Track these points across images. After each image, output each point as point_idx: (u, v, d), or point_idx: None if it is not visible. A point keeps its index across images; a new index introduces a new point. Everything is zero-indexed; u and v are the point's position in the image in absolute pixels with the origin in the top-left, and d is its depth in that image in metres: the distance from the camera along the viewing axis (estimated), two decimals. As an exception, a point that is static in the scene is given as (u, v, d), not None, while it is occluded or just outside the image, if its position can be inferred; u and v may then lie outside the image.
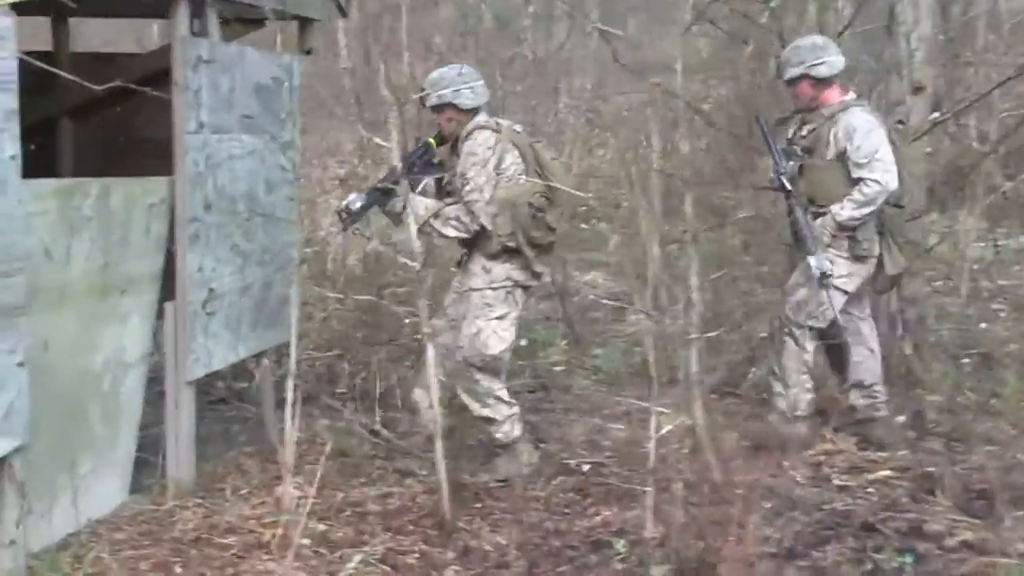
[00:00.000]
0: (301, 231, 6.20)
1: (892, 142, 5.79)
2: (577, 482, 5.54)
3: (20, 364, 4.10)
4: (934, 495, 5.12)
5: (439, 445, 4.91)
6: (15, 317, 4.06)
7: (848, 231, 5.76)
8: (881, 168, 5.67)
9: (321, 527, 4.94)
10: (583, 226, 12.09)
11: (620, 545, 4.71)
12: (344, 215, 5.56)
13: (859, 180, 5.69)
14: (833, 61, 5.91)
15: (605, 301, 8.80)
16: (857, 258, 5.83)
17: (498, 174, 5.51)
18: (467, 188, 5.48)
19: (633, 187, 4.79)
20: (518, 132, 5.69)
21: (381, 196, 5.57)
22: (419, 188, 5.63)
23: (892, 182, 5.67)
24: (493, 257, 5.56)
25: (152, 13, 6.23)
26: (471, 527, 5.00)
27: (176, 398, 5.14)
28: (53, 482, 4.55)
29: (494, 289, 5.58)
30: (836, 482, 5.42)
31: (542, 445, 5.93)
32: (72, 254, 4.51)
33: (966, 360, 7.39)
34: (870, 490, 5.26)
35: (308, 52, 6.16)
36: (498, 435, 5.62)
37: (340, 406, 6.56)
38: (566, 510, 5.22)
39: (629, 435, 5.81)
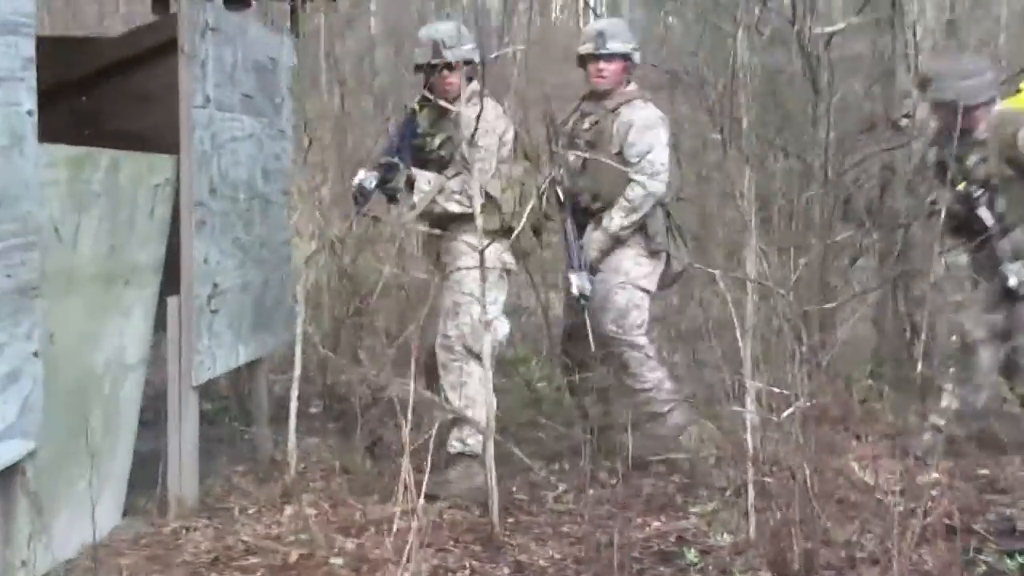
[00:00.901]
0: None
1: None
2: (609, 494, 5.10)
3: (35, 354, 3.52)
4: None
5: (490, 451, 4.45)
6: (31, 298, 3.48)
7: (621, 240, 5.39)
8: (650, 171, 5.31)
9: (350, 545, 4.42)
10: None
11: (691, 554, 4.30)
12: (358, 196, 5.01)
13: (630, 181, 5.33)
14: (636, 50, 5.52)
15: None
16: (654, 254, 5.46)
17: (501, 145, 5.12)
18: (478, 156, 4.90)
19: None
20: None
21: (386, 172, 5.05)
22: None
23: (659, 187, 5.32)
24: (486, 234, 4.97)
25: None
26: (515, 542, 4.53)
27: (180, 405, 4.56)
28: (53, 499, 3.93)
29: (488, 270, 4.97)
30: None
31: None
32: (80, 234, 3.94)
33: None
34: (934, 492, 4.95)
35: (298, 35, 5.67)
36: (463, 444, 5.08)
37: (329, 422, 6.07)
38: (609, 522, 4.77)
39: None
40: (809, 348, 3.81)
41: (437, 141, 5.09)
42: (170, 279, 4.59)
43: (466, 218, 4.96)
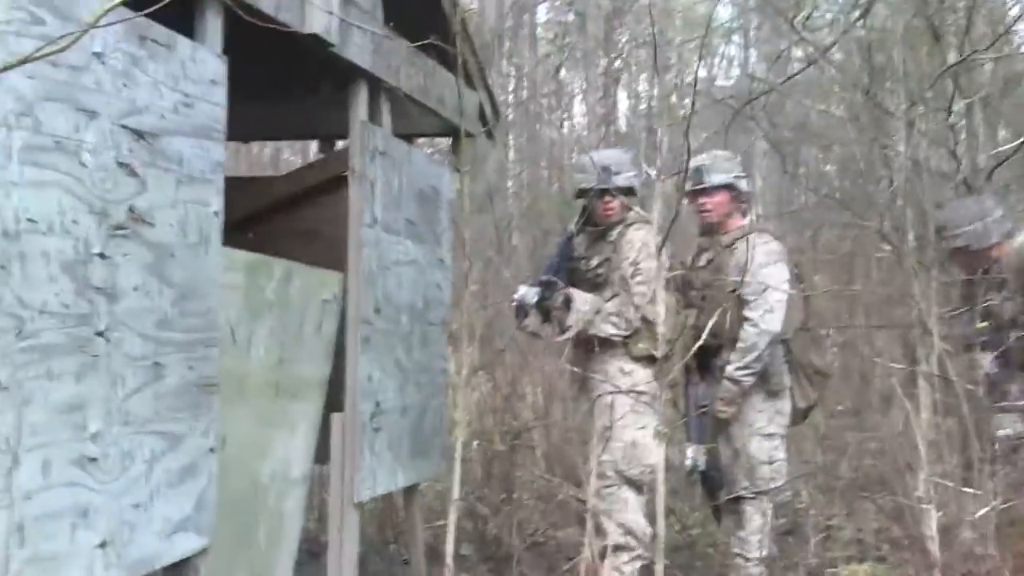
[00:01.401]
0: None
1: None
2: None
3: (212, 450, 3.54)
4: None
5: (660, 570, 4.28)
6: (210, 394, 3.53)
7: (744, 388, 5.12)
8: (764, 307, 5.05)
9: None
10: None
11: None
12: (519, 310, 5.02)
13: (744, 320, 5.08)
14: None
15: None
16: (773, 394, 5.20)
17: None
18: (638, 279, 4.93)
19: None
20: None
21: (545, 290, 5.06)
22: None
23: (774, 326, 5.05)
24: (636, 359, 5.00)
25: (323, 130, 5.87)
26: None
27: (341, 521, 4.52)
28: (218, 608, 3.89)
29: (639, 394, 4.97)
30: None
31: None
32: (253, 341, 4.02)
33: None
34: None
35: (458, 170, 5.79)
36: (620, 573, 4.93)
37: (481, 563, 5.95)
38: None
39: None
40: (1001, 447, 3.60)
41: (595, 262, 5.09)
42: (331, 400, 4.62)
43: (618, 342, 4.94)
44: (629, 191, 5.10)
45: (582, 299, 4.99)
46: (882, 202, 4.81)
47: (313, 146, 10.27)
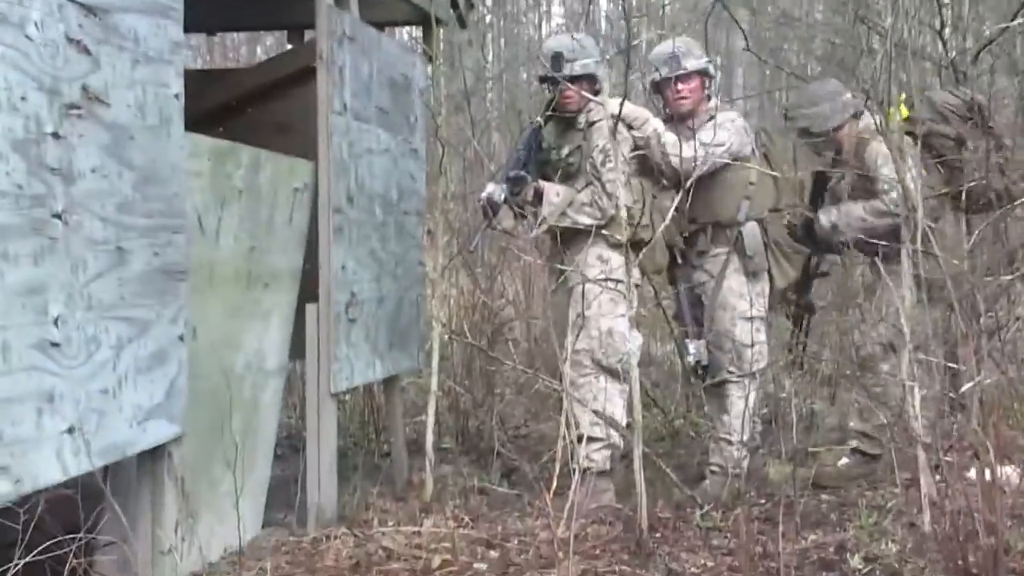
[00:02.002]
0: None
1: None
2: (760, 512, 4.86)
3: (181, 338, 3.49)
4: None
5: (638, 459, 4.28)
6: (177, 281, 3.47)
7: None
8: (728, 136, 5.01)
9: (493, 553, 4.27)
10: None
11: (855, 560, 4.04)
12: (488, 209, 4.92)
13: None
14: None
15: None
16: (754, 275, 5.15)
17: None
18: (609, 165, 4.79)
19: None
20: None
21: (513, 186, 4.93)
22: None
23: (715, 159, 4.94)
24: (614, 247, 4.86)
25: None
26: (664, 552, 4.32)
27: (319, 412, 4.49)
28: (195, 500, 3.85)
29: (616, 282, 4.85)
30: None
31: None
32: (222, 229, 3.94)
33: None
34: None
35: (431, 59, 5.67)
36: (589, 460, 4.84)
37: (462, 455, 5.96)
38: (760, 536, 4.53)
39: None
40: (987, 323, 3.56)
41: (565, 151, 4.97)
42: (305, 292, 4.57)
43: (594, 231, 4.84)
44: (591, 77, 4.96)
45: (553, 191, 4.90)
46: (865, 79, 4.70)
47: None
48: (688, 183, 4.67)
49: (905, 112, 5.26)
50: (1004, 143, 5.32)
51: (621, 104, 4.46)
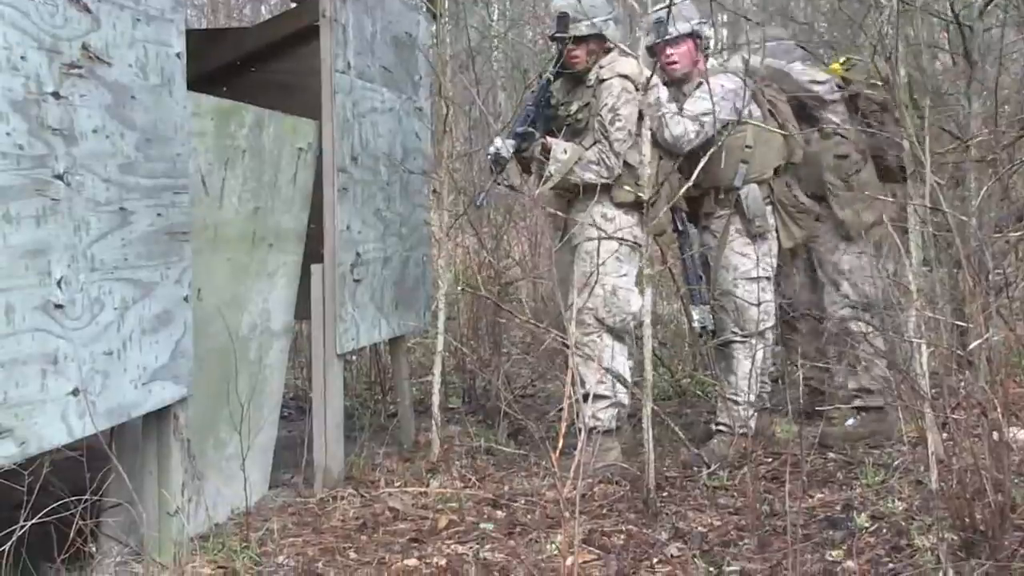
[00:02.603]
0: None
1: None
2: (767, 471, 4.86)
3: (186, 299, 3.48)
4: None
5: (648, 417, 4.27)
6: (181, 242, 3.45)
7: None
8: (700, 108, 4.87)
9: (500, 513, 4.28)
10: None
11: (862, 519, 4.04)
12: (494, 165, 4.85)
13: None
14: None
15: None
16: (757, 236, 5.07)
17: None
18: (617, 125, 4.73)
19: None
20: None
21: (521, 141, 4.84)
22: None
23: (694, 130, 4.87)
24: (619, 206, 4.84)
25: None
26: (671, 511, 4.32)
27: (324, 374, 4.49)
28: (201, 461, 3.86)
29: (621, 242, 4.84)
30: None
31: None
32: (226, 190, 3.91)
33: None
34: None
35: (435, 16, 5.62)
36: (595, 420, 4.85)
37: (470, 415, 5.95)
38: (767, 495, 4.54)
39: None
40: (995, 280, 3.53)
41: (574, 107, 4.90)
42: (310, 253, 4.55)
43: (599, 189, 4.76)
44: (599, 37, 4.90)
45: (560, 147, 4.84)
46: (872, 35, 4.63)
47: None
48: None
49: (838, 68, 5.29)
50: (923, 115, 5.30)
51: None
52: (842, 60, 5.45)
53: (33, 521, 2.90)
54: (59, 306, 2.85)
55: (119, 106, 3.11)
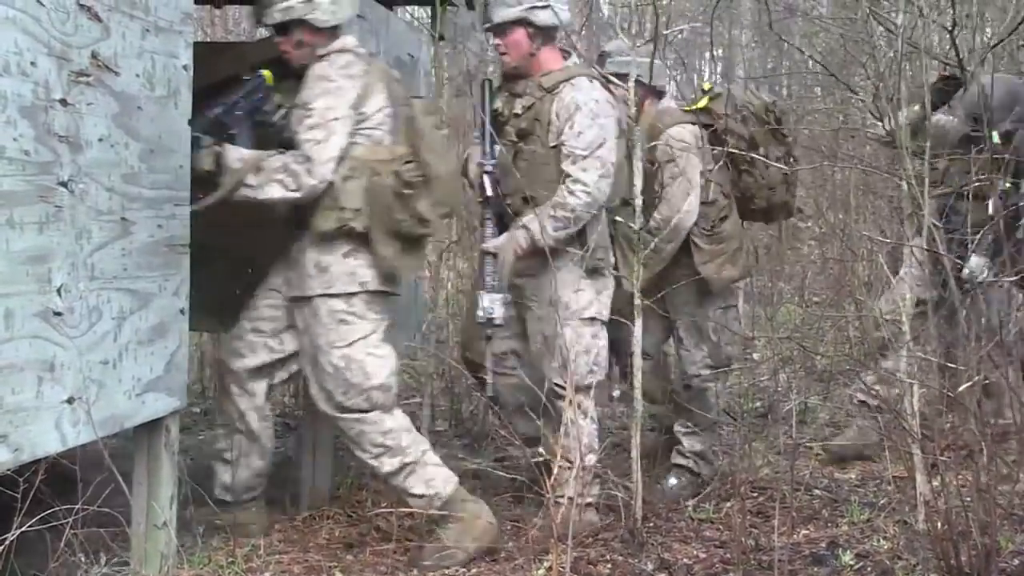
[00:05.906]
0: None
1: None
2: (752, 505, 4.86)
3: (182, 311, 3.48)
4: None
5: (636, 448, 4.27)
6: (181, 255, 3.45)
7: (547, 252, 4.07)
8: (600, 171, 4.17)
9: (486, 538, 4.26)
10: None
11: (847, 557, 4.04)
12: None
13: (568, 180, 4.18)
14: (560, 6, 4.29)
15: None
16: (595, 272, 4.32)
17: (359, 118, 3.86)
18: (308, 122, 3.74)
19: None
20: (397, 78, 4.15)
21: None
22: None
23: (604, 192, 4.21)
24: (328, 247, 3.82)
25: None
26: (657, 542, 4.32)
27: (315, 391, 4.47)
28: (189, 473, 3.86)
29: (340, 296, 3.85)
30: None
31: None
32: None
33: None
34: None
35: (441, 38, 5.64)
36: (416, 502, 3.97)
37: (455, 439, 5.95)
38: (753, 529, 4.54)
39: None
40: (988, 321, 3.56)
41: (283, 111, 3.94)
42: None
43: (305, 217, 3.81)
44: (304, 25, 4.03)
45: (234, 154, 3.76)
46: (873, 74, 4.67)
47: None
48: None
49: (704, 102, 4.98)
50: (794, 155, 5.19)
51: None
52: (706, 87, 5.16)
53: (23, 529, 2.89)
54: (58, 313, 2.85)
55: (125, 116, 3.12)
